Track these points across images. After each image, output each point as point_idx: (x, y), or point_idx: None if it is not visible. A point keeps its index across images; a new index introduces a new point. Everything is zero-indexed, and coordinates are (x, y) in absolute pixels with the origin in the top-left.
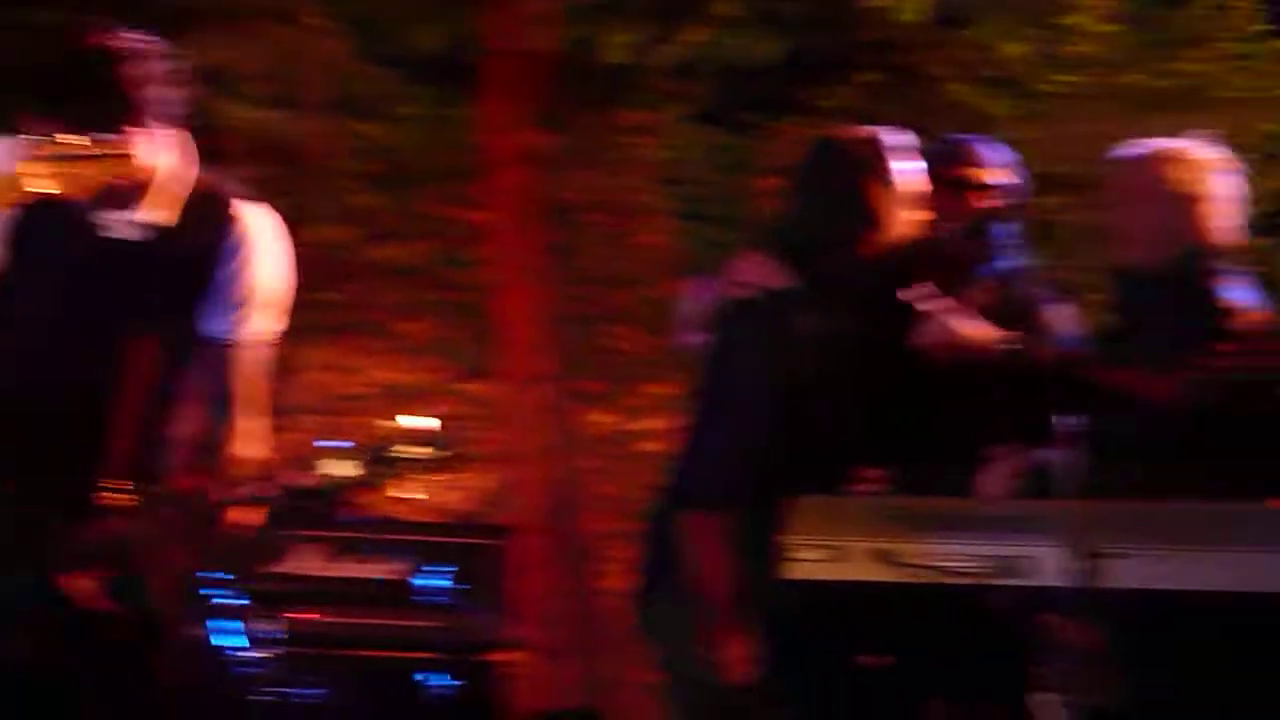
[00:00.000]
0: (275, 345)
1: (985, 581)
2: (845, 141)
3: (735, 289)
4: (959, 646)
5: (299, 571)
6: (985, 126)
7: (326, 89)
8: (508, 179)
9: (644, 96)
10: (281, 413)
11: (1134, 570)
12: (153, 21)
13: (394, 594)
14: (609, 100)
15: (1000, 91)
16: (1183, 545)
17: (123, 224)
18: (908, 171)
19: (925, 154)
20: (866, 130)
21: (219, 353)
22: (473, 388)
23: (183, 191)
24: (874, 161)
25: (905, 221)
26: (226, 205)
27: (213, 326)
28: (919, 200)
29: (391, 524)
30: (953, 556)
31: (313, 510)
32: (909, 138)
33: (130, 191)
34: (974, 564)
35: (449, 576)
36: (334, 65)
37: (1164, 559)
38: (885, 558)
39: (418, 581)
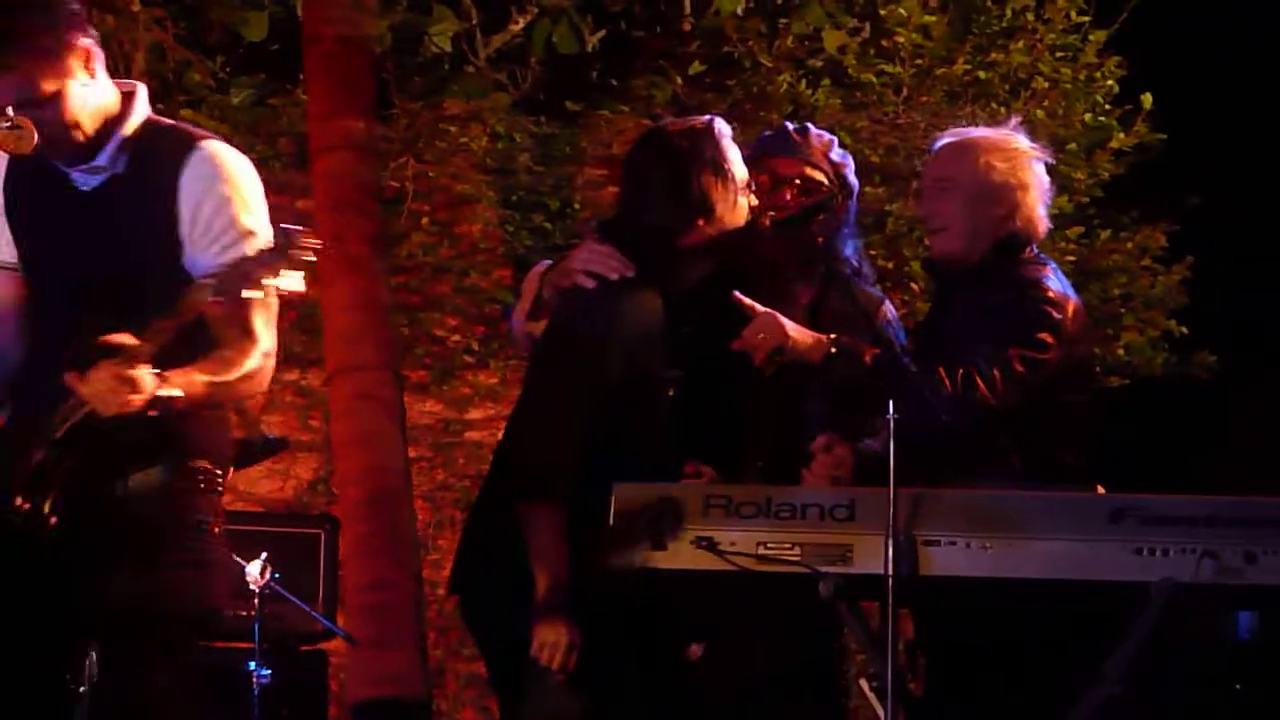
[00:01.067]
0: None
1: (806, 569)
2: (676, 130)
3: (570, 278)
4: (779, 634)
5: None
6: (810, 117)
7: (150, 77)
8: (331, 166)
9: (470, 85)
10: None
11: (953, 558)
12: None
13: None
14: (434, 89)
15: (823, 81)
16: (1001, 534)
17: (83, 172)
18: (739, 161)
19: (753, 145)
20: (700, 119)
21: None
22: (294, 375)
23: (133, 132)
24: (705, 150)
25: (739, 211)
26: (190, 144)
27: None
28: (749, 190)
29: None
30: (773, 545)
31: None
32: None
33: (84, 140)
34: (795, 552)
35: (271, 566)
36: (159, 53)
37: (983, 547)
38: (708, 546)
39: (239, 571)
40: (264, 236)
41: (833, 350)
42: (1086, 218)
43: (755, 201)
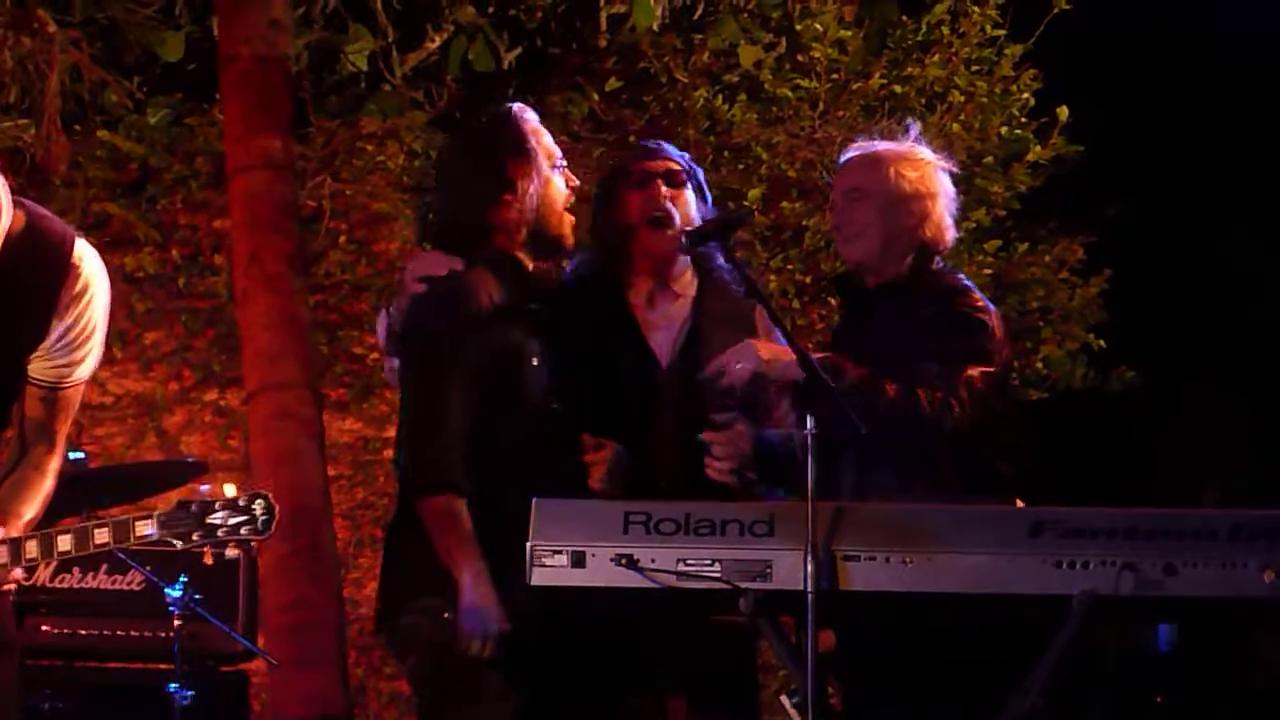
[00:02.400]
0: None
1: (725, 585)
2: (474, 122)
3: (405, 292)
4: (697, 649)
5: (36, 582)
6: (726, 131)
7: (66, 97)
8: (249, 186)
9: (386, 103)
10: None
11: (873, 573)
12: None
13: (133, 604)
14: (351, 107)
15: (739, 96)
16: (921, 548)
17: None
18: (544, 140)
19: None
20: (499, 107)
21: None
22: (213, 395)
23: (16, 224)
24: (502, 132)
25: (552, 187)
26: (63, 249)
27: (48, 368)
28: (561, 168)
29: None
30: (693, 561)
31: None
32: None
33: None
34: (715, 569)
35: (189, 587)
36: (74, 73)
37: (903, 562)
38: (627, 563)
39: (158, 592)
40: None
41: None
42: (1004, 230)
43: (574, 181)
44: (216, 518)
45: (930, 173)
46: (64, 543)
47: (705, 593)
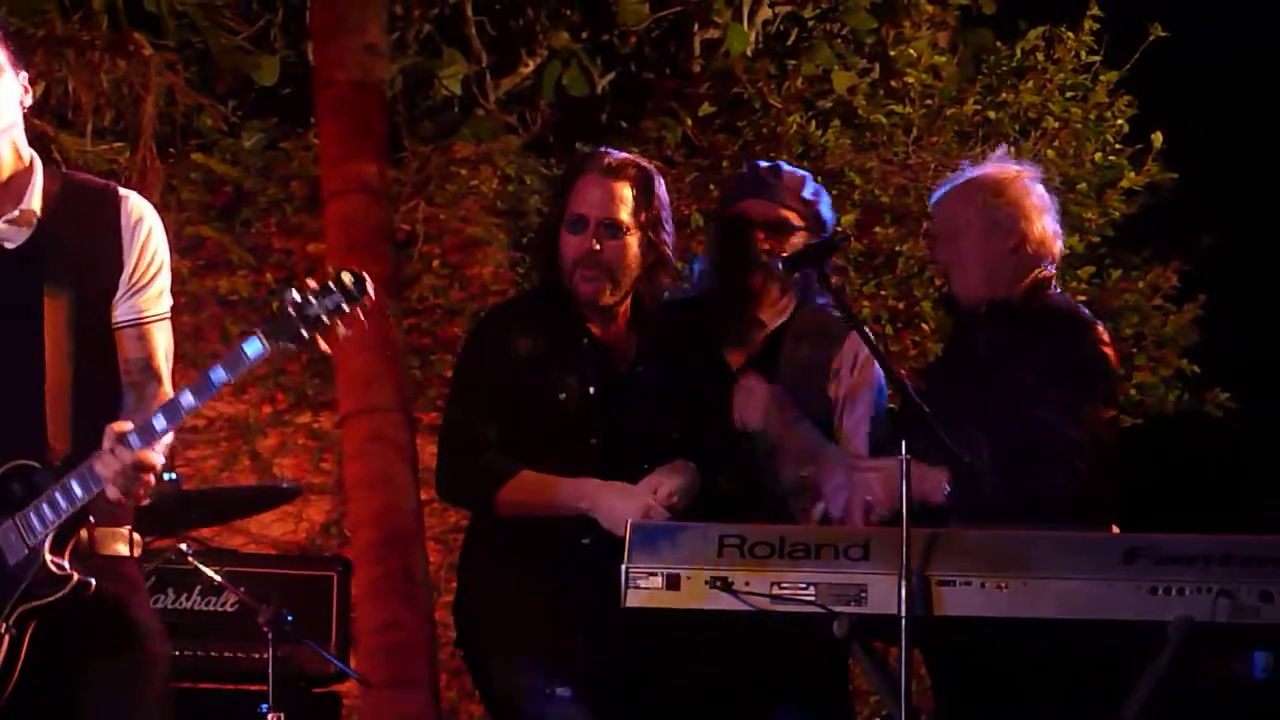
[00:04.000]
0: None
1: (818, 609)
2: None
3: None
4: (794, 674)
5: None
6: (820, 157)
7: (161, 121)
8: (343, 209)
9: (480, 127)
10: None
11: (967, 598)
12: None
13: (227, 626)
14: (445, 131)
15: (833, 122)
16: (1016, 574)
17: (3, 222)
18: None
19: (725, 187)
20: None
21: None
22: (306, 418)
23: (45, 186)
24: (560, 186)
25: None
26: (112, 194)
27: (126, 308)
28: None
29: (226, 556)
30: (788, 584)
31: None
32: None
33: (3, 190)
34: (809, 592)
35: (282, 608)
36: (169, 97)
37: (998, 587)
38: (722, 585)
39: (252, 613)
40: None
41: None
42: (1098, 257)
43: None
44: (313, 309)
45: (1020, 188)
46: (186, 398)
47: (799, 616)
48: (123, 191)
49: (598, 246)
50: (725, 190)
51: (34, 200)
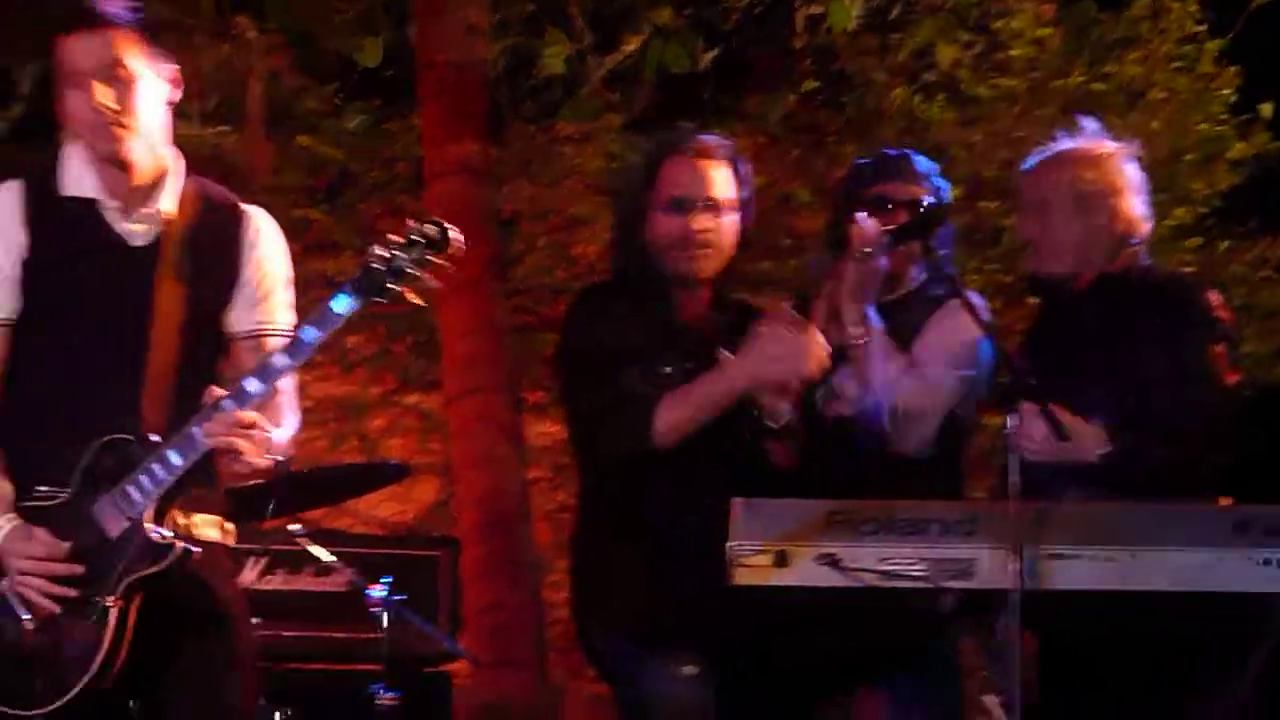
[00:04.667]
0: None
1: (927, 584)
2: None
3: None
4: (901, 650)
5: (244, 585)
6: (924, 132)
7: (266, 104)
8: (447, 190)
9: (582, 106)
10: None
11: (1076, 571)
12: None
13: (337, 606)
14: (547, 111)
15: (937, 96)
16: (1125, 546)
17: (138, 224)
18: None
19: (853, 171)
20: (663, 134)
21: (257, 345)
22: (414, 399)
23: (182, 190)
24: (648, 166)
25: (667, 232)
26: (234, 206)
27: (242, 320)
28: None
29: (335, 537)
30: (896, 560)
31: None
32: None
33: (136, 190)
34: (918, 567)
35: (393, 589)
36: (273, 80)
37: (1107, 560)
38: (830, 562)
39: (362, 593)
40: None
41: None
42: (1205, 229)
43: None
44: (398, 261)
45: (1111, 166)
46: (279, 359)
47: (907, 592)
48: (247, 208)
49: (702, 226)
50: (854, 175)
51: (166, 202)
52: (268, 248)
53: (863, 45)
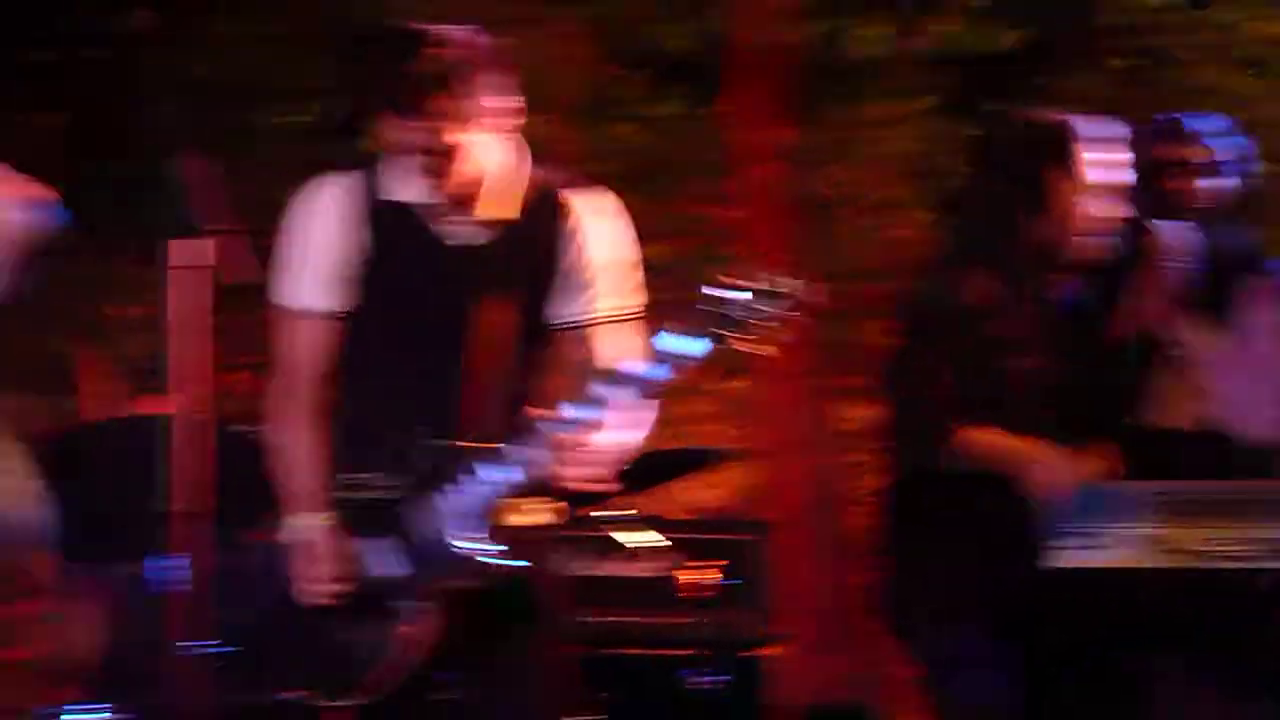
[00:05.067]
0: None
1: (1251, 565)
2: (1028, 125)
3: None
4: (1228, 631)
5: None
6: (1234, 108)
7: (576, 92)
8: (758, 175)
9: (892, 89)
10: None
11: None
12: None
13: (659, 592)
14: (857, 93)
15: (1251, 72)
16: None
17: (465, 227)
18: (1103, 162)
19: (1136, 136)
20: (1055, 115)
21: (582, 335)
22: (731, 386)
23: (519, 189)
24: (1057, 148)
25: (1091, 216)
26: (559, 197)
27: (564, 310)
28: (1115, 192)
29: (655, 522)
30: (1222, 541)
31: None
32: (1112, 128)
33: (470, 194)
34: (1240, 548)
35: (714, 573)
36: (582, 69)
37: None
38: (1154, 543)
39: (683, 579)
40: None
41: None
42: None
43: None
44: (734, 308)
45: None
46: (600, 389)
47: (1229, 572)
48: (569, 195)
49: (1115, 212)
50: (1135, 142)
51: (494, 203)
52: (589, 235)
53: (1169, 22)
